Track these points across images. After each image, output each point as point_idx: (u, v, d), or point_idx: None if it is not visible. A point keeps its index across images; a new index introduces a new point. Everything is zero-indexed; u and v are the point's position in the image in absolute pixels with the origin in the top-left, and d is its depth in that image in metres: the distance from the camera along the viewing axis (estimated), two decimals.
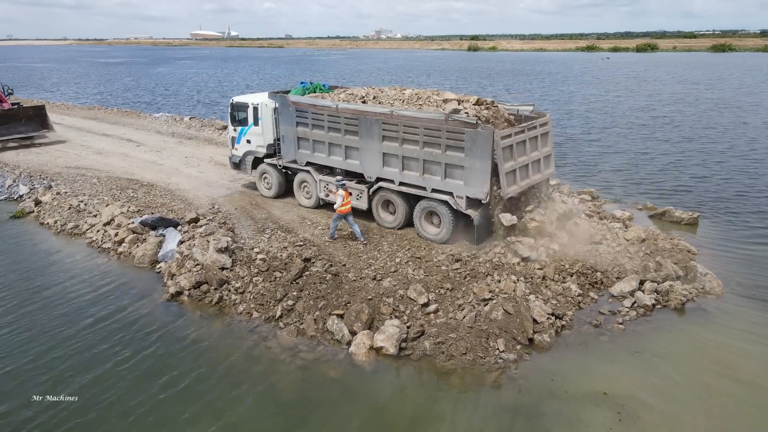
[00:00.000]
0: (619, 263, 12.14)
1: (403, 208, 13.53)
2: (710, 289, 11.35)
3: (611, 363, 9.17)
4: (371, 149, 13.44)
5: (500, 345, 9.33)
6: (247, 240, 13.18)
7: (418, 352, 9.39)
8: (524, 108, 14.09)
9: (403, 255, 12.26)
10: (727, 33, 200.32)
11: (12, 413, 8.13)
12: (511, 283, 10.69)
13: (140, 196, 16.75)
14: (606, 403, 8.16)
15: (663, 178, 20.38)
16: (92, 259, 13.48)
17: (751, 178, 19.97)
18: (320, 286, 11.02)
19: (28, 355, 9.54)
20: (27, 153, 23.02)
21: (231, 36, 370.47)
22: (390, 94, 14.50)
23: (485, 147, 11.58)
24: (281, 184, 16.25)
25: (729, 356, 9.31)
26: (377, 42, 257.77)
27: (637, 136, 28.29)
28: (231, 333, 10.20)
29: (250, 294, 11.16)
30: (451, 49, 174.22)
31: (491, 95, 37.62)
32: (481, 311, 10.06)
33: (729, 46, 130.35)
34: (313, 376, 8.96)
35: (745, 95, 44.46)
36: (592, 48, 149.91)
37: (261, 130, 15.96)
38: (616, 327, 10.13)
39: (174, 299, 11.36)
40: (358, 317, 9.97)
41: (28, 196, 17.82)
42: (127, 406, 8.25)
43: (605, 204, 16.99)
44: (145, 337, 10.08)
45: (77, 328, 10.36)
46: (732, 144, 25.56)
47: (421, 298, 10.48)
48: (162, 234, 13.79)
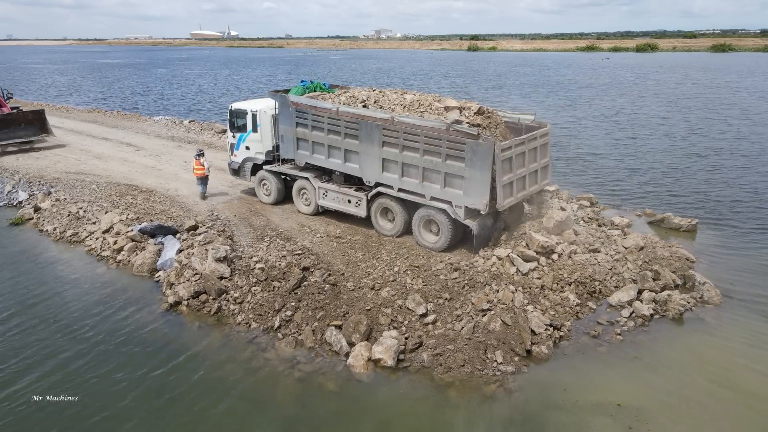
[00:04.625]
0: (618, 272, 12.16)
1: (401, 215, 13.53)
2: (709, 298, 11.36)
3: (609, 374, 9.18)
4: (371, 154, 13.43)
5: (498, 357, 9.34)
6: (246, 248, 13.18)
7: (416, 364, 9.39)
8: (525, 117, 14.05)
9: (401, 264, 12.27)
10: (727, 33, 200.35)
11: (12, 413, 8.21)
12: (509, 293, 10.70)
13: (139, 202, 16.75)
14: (606, 415, 8.17)
15: (662, 183, 20.37)
16: (91, 268, 13.49)
17: (751, 185, 19.94)
18: (318, 297, 11.03)
19: (27, 360, 9.57)
20: (26, 158, 23.02)
21: (231, 36, 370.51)
22: (391, 98, 14.41)
23: (486, 158, 11.58)
24: (280, 190, 16.26)
25: (728, 367, 9.31)
26: (377, 42, 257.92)
27: (637, 140, 28.29)
28: (229, 344, 10.20)
29: (249, 304, 11.17)
30: (451, 49, 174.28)
31: (497, 103, 37.58)
32: (480, 322, 10.07)
33: (729, 46, 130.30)
34: (312, 388, 8.97)
35: (747, 98, 44.38)
36: (592, 48, 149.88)
37: (260, 137, 15.97)
38: (615, 338, 10.14)
39: (173, 309, 11.36)
40: (356, 328, 9.98)
41: (27, 202, 17.82)
42: (123, 416, 8.27)
43: (604, 210, 17.00)
44: (144, 347, 10.08)
45: (75, 337, 10.37)
46: (733, 150, 25.52)
47: (419, 309, 10.49)
48: (161, 242, 13.79)
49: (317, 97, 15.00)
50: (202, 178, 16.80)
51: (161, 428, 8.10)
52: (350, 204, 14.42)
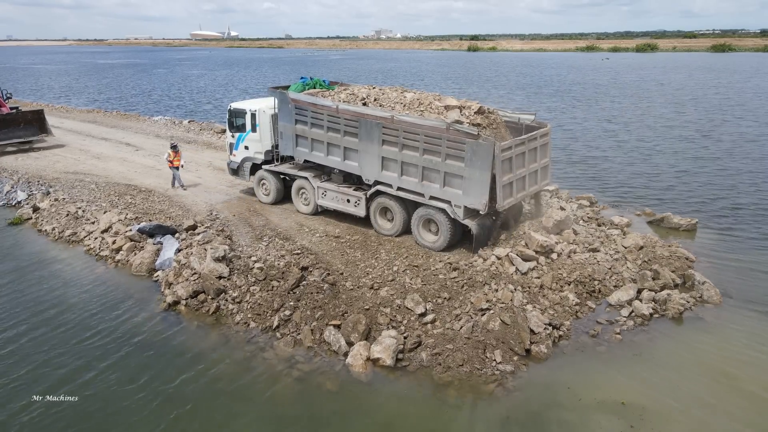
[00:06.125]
0: (617, 271, 12.13)
1: (401, 215, 13.50)
2: (708, 297, 11.33)
3: (610, 373, 9.15)
4: (370, 152, 13.39)
5: (497, 356, 9.31)
6: (245, 248, 13.16)
7: (415, 364, 9.37)
8: (525, 117, 14.01)
9: (400, 263, 12.24)
10: (727, 33, 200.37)
11: (12, 413, 8.20)
12: (508, 292, 10.67)
13: (138, 202, 16.73)
14: (605, 414, 8.14)
15: (662, 183, 20.35)
16: (90, 267, 13.46)
17: (751, 185, 19.92)
18: (317, 296, 11.00)
19: (25, 361, 9.54)
20: (26, 158, 23.00)
21: (231, 36, 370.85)
22: (391, 96, 14.34)
23: (486, 158, 11.54)
24: (279, 190, 16.23)
25: (729, 366, 9.28)
26: (377, 42, 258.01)
27: (637, 140, 28.27)
28: (228, 343, 10.17)
29: (248, 304, 11.14)
30: (451, 50, 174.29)
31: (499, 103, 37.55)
32: (479, 321, 10.04)
33: (729, 46, 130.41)
34: (311, 388, 8.94)
35: (753, 99, 44.33)
36: (592, 48, 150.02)
37: (259, 137, 15.94)
38: (614, 337, 10.11)
39: (171, 309, 11.33)
40: (355, 328, 9.95)
41: (26, 202, 17.80)
42: (121, 416, 8.25)
43: (604, 209, 16.98)
44: (142, 347, 10.05)
45: (73, 336, 10.34)
46: (732, 150, 25.50)
47: (418, 308, 10.46)
48: (159, 242, 13.76)
49: (317, 94, 14.93)
50: (176, 168, 18.06)
51: (158, 427, 8.06)
52: (349, 203, 14.39)
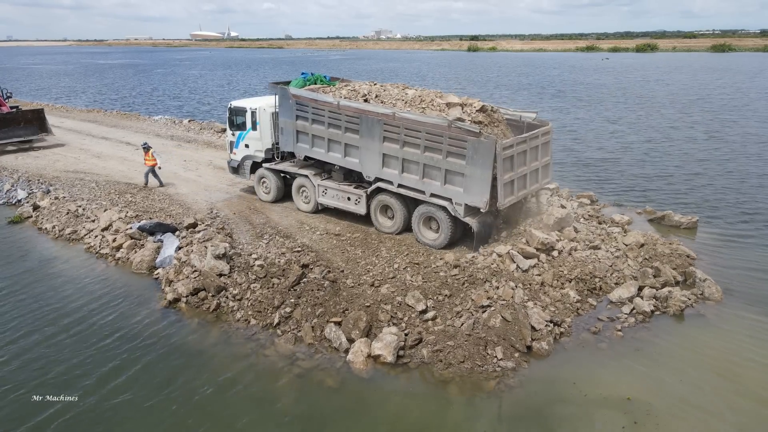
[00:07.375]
0: (618, 269, 12.11)
1: (401, 212, 13.49)
2: (709, 295, 11.31)
3: (611, 369, 9.13)
4: (371, 149, 13.36)
5: (498, 353, 9.29)
6: (246, 246, 13.14)
7: (416, 360, 9.35)
8: (527, 115, 13.99)
9: (401, 261, 12.23)
10: (727, 33, 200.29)
11: (12, 413, 8.17)
12: (509, 289, 10.65)
13: (138, 200, 16.72)
14: (607, 410, 8.13)
15: (663, 181, 20.33)
16: (90, 265, 13.44)
17: (751, 182, 19.90)
18: (318, 293, 10.99)
19: (25, 359, 9.51)
20: (26, 157, 22.99)
21: (231, 36, 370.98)
22: (393, 93, 14.29)
23: (487, 156, 11.52)
24: (280, 188, 16.22)
25: (731, 362, 9.26)
26: (377, 42, 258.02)
27: (638, 139, 28.25)
28: (228, 341, 10.16)
29: (248, 301, 11.13)
30: (451, 50, 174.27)
31: (502, 102, 37.52)
32: (479, 318, 10.02)
33: (729, 46, 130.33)
34: (311, 385, 8.92)
35: (757, 99, 44.30)
36: (592, 48, 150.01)
37: (259, 135, 15.93)
38: (615, 334, 10.09)
39: (172, 306, 11.32)
40: (355, 325, 9.93)
41: (26, 200, 17.80)
42: (122, 413, 8.23)
43: (604, 207, 16.96)
44: (142, 344, 10.03)
45: (73, 334, 10.33)
46: (733, 148, 25.48)
47: (419, 305, 10.44)
48: (160, 239, 13.75)
49: (318, 90, 14.89)
50: (152, 167, 18.21)
51: (160, 424, 8.05)
52: (350, 201, 14.37)
